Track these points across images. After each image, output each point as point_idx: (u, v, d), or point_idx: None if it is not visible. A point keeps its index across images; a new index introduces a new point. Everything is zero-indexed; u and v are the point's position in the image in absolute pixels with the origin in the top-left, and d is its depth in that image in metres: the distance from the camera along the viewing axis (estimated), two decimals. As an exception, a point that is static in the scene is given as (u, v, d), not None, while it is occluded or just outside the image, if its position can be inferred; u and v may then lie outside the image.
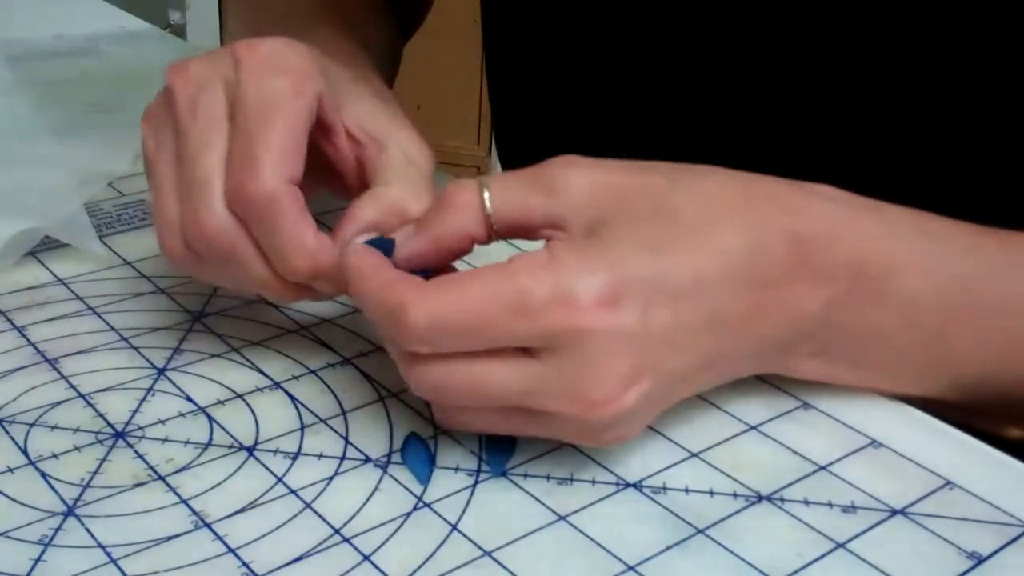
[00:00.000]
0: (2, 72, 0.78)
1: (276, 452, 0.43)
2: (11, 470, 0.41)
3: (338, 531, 0.39)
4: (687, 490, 0.41)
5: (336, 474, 0.42)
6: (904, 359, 0.44)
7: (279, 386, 0.47)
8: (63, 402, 0.45)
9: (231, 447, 0.43)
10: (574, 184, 0.41)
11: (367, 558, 0.38)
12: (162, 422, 0.44)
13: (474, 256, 0.44)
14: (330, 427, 0.44)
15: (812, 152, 0.58)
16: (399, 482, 0.41)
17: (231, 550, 0.38)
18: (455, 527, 0.39)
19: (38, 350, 0.48)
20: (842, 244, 0.41)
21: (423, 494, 0.41)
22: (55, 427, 0.44)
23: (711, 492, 0.41)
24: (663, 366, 0.39)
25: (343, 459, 0.42)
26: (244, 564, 0.37)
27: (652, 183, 0.41)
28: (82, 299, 0.52)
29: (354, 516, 0.40)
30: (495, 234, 0.42)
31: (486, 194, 0.41)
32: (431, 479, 0.41)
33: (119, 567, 0.37)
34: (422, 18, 0.77)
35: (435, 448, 0.43)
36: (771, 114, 0.58)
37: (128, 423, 0.44)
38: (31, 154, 0.65)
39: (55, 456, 0.42)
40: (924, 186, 0.54)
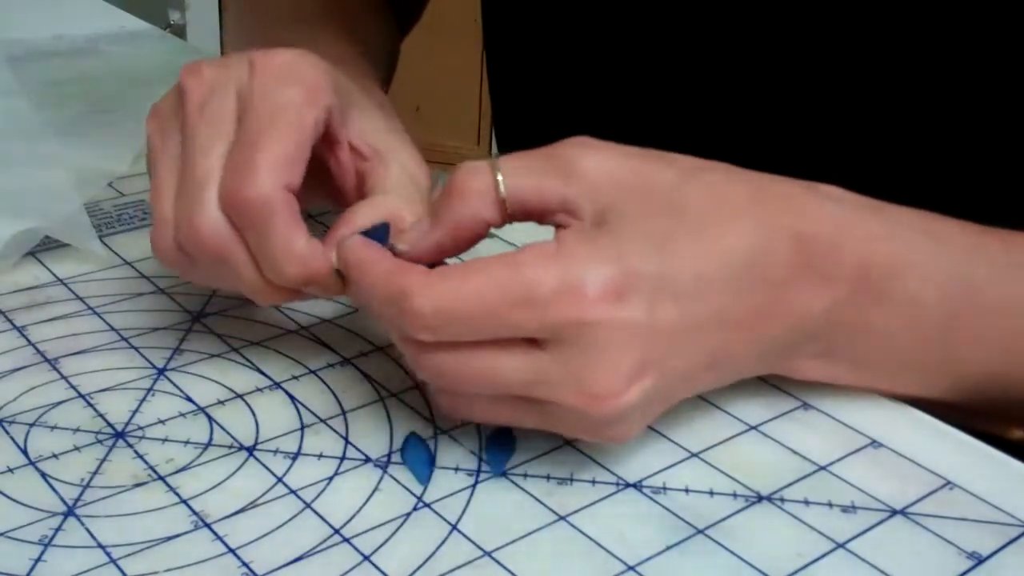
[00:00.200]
0: (2, 72, 0.78)
1: (276, 452, 0.43)
2: (11, 470, 0.41)
3: (338, 531, 0.39)
4: (687, 490, 0.41)
5: (336, 474, 0.42)
6: (907, 360, 0.44)
7: (279, 386, 0.47)
8: (63, 402, 0.45)
9: (231, 447, 0.43)
10: (589, 169, 0.40)
11: (367, 558, 0.38)
12: (162, 422, 0.44)
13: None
14: (330, 427, 0.44)
15: (813, 148, 0.58)
16: (399, 482, 0.41)
17: (231, 550, 0.38)
18: (455, 527, 0.39)
19: (38, 350, 0.48)
20: (846, 246, 0.41)
21: (423, 494, 0.41)
22: (55, 427, 0.44)
23: (711, 492, 0.41)
24: (667, 363, 0.39)
25: (343, 459, 0.42)
26: (244, 564, 0.37)
27: (665, 174, 0.41)
28: (82, 299, 0.52)
29: (354, 516, 0.40)
30: (509, 219, 0.41)
31: (499, 177, 0.40)
32: (431, 479, 0.41)
33: (119, 567, 0.37)
34: (419, 15, 0.77)
35: (435, 448, 0.43)
36: (773, 110, 0.58)
37: (128, 423, 0.44)
38: (31, 154, 0.65)
39: (55, 456, 0.42)
40: (925, 184, 0.54)
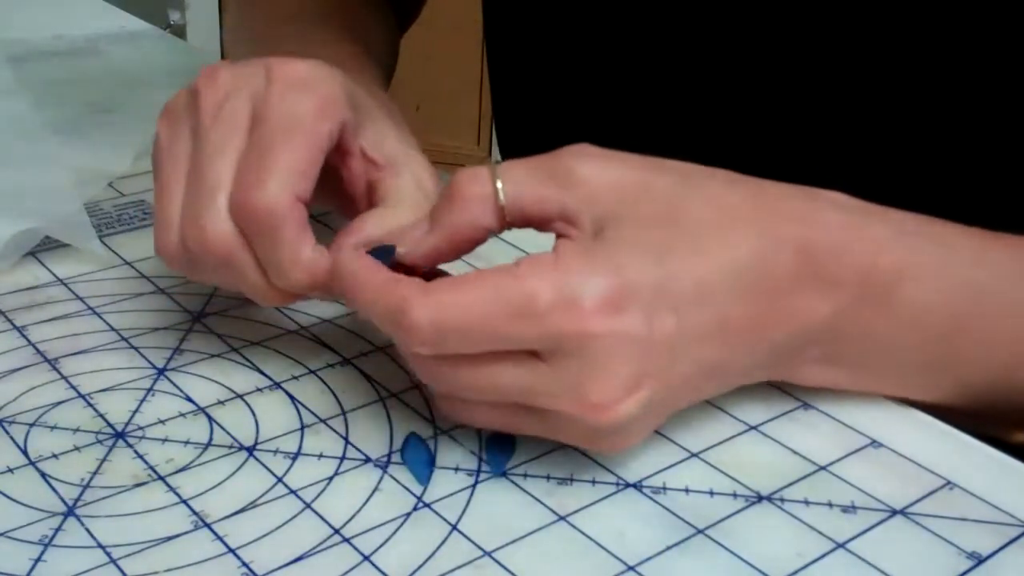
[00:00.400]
0: (2, 72, 0.78)
1: (276, 452, 0.43)
2: (11, 470, 0.41)
3: (338, 531, 0.39)
4: (687, 490, 0.41)
5: (336, 474, 0.42)
6: (911, 365, 0.44)
7: (279, 386, 0.47)
8: (63, 402, 0.45)
9: (231, 447, 0.43)
10: (589, 177, 0.40)
11: (367, 558, 0.38)
12: (162, 422, 0.44)
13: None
14: (330, 427, 0.44)
15: (816, 153, 0.58)
16: (399, 482, 0.41)
17: (231, 550, 0.38)
18: (455, 527, 0.39)
19: (38, 350, 0.48)
20: (850, 252, 0.41)
21: (423, 494, 0.41)
22: (55, 427, 0.44)
23: (711, 492, 0.41)
24: (666, 373, 0.39)
25: (343, 459, 0.42)
26: (244, 564, 0.37)
27: (665, 182, 0.41)
28: (82, 299, 0.52)
29: (354, 516, 0.40)
30: (508, 225, 0.41)
31: (499, 184, 0.40)
32: (431, 479, 0.41)
33: (119, 567, 0.37)
34: (418, 12, 0.77)
35: (435, 448, 0.43)
36: (774, 112, 0.58)
37: (128, 423, 0.44)
38: (31, 154, 0.65)
39: (55, 456, 0.42)
40: (926, 187, 0.54)
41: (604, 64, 0.64)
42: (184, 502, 0.40)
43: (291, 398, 0.46)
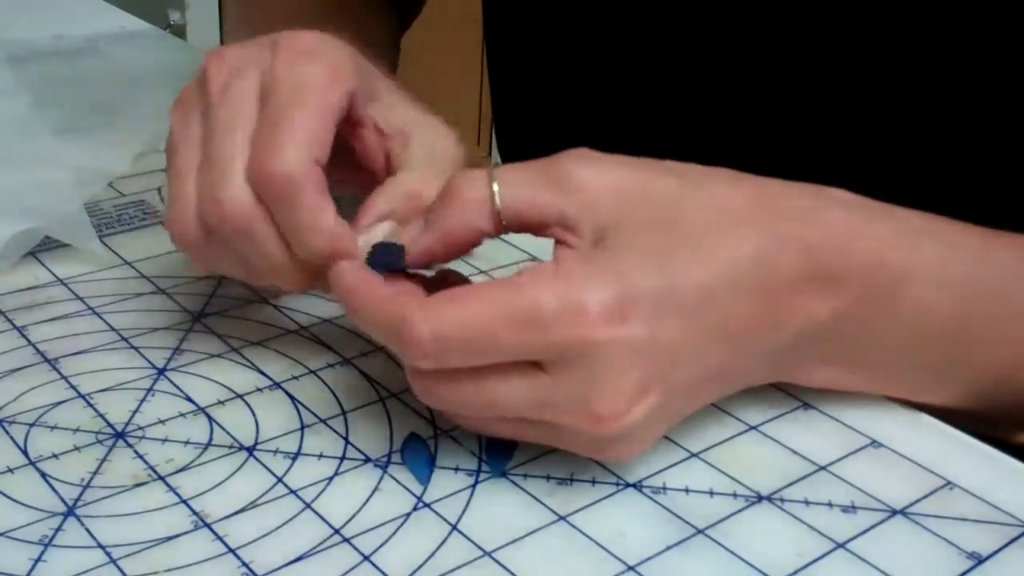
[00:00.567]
0: (2, 72, 0.77)
1: (276, 452, 0.43)
2: (11, 470, 0.41)
3: (338, 531, 0.39)
4: (687, 490, 0.41)
5: (336, 474, 0.42)
6: (914, 365, 0.44)
7: (279, 386, 0.47)
8: (63, 402, 0.45)
9: (231, 447, 0.43)
10: (588, 182, 0.40)
11: (367, 558, 0.38)
12: (162, 422, 0.44)
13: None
14: (330, 427, 0.44)
15: (815, 151, 0.58)
16: (399, 482, 0.41)
17: (231, 550, 0.38)
18: (455, 527, 0.39)
19: (38, 350, 0.48)
20: (854, 251, 0.41)
21: (423, 494, 0.41)
22: (55, 427, 0.44)
23: (711, 492, 0.41)
24: (671, 379, 0.39)
25: (343, 459, 0.42)
26: (244, 564, 0.37)
27: (664, 185, 0.40)
28: (82, 299, 0.52)
29: (354, 516, 0.40)
30: (504, 229, 0.41)
31: (495, 187, 0.40)
32: (431, 479, 0.41)
33: (119, 567, 0.37)
34: (419, 10, 0.77)
35: (435, 448, 0.43)
36: (774, 109, 0.58)
37: (128, 423, 0.44)
38: (31, 154, 0.65)
39: (55, 456, 0.42)
40: (926, 185, 0.53)
41: (604, 64, 0.64)
42: (184, 502, 0.40)
43: (291, 398, 0.46)
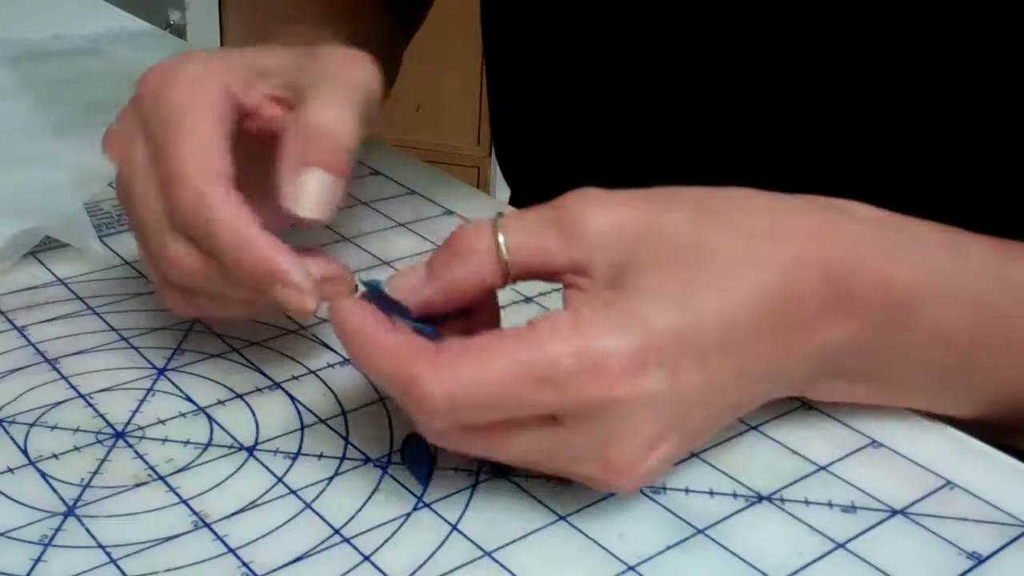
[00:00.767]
0: (2, 72, 0.78)
1: (276, 452, 0.43)
2: (11, 470, 0.41)
3: (338, 531, 0.39)
4: (687, 490, 0.41)
5: (336, 474, 0.42)
6: (927, 380, 0.44)
7: (279, 386, 0.47)
8: (63, 402, 0.45)
9: (231, 447, 0.43)
10: (595, 225, 0.38)
11: (367, 558, 0.38)
12: (162, 422, 0.44)
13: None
14: (330, 427, 0.44)
15: (818, 157, 0.57)
16: (399, 482, 0.41)
17: (231, 550, 0.38)
18: (455, 527, 0.39)
19: (38, 350, 0.48)
20: (871, 272, 0.40)
21: (423, 494, 0.41)
22: (55, 427, 0.44)
23: (711, 492, 0.41)
24: (689, 424, 0.39)
25: (343, 459, 0.42)
26: (244, 564, 0.37)
27: (676, 218, 0.39)
28: (82, 299, 0.52)
29: (354, 516, 0.40)
30: (512, 280, 0.40)
31: (501, 238, 0.39)
32: (431, 479, 0.41)
33: (119, 567, 0.37)
34: (422, 18, 0.77)
35: (435, 448, 0.43)
36: (774, 116, 0.58)
37: (128, 423, 0.44)
38: (31, 154, 0.65)
39: (55, 456, 0.42)
40: (930, 189, 0.53)
41: (600, 66, 0.63)
42: (184, 502, 0.40)
43: (291, 398, 0.46)
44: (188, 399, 0.46)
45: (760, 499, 0.41)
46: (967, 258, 0.43)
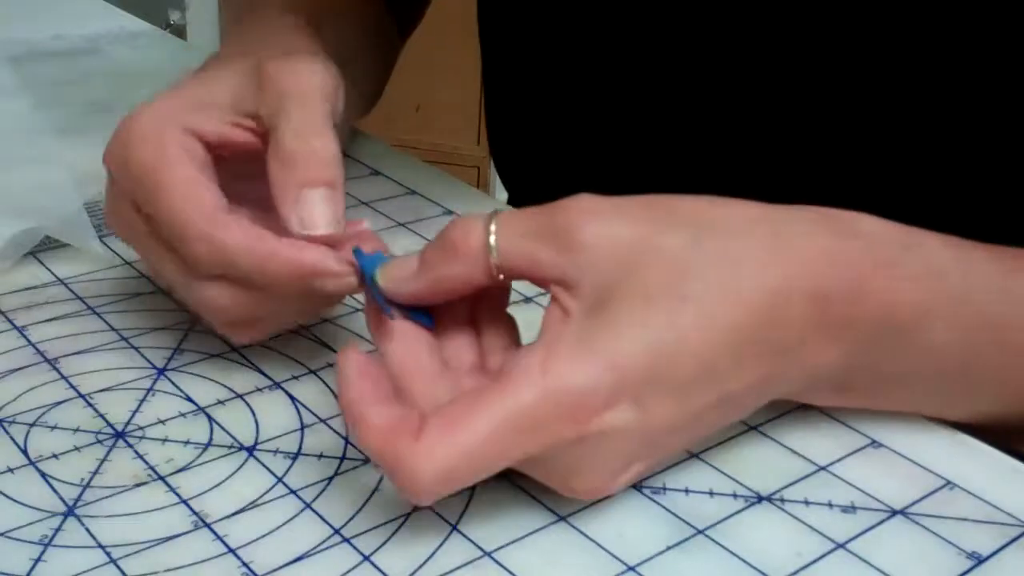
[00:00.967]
0: (2, 72, 0.77)
1: (276, 452, 0.43)
2: (11, 470, 0.41)
3: (338, 531, 0.39)
4: (687, 491, 0.41)
5: (336, 474, 0.42)
6: (924, 392, 0.44)
7: (279, 386, 0.47)
8: (63, 402, 0.45)
9: (231, 447, 0.43)
10: (589, 240, 0.38)
11: (367, 558, 0.38)
12: (162, 422, 0.44)
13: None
14: (330, 427, 0.44)
15: (811, 162, 0.57)
16: (399, 482, 0.41)
17: (231, 550, 0.38)
18: (455, 527, 0.39)
19: (38, 350, 0.48)
20: (869, 294, 0.40)
21: (423, 494, 0.41)
22: (55, 427, 0.44)
23: (711, 492, 0.41)
24: (661, 450, 0.40)
25: (343, 459, 0.42)
26: (244, 564, 0.37)
27: (673, 240, 0.38)
28: (82, 299, 0.52)
29: (354, 516, 0.40)
30: (500, 281, 0.39)
31: (492, 239, 0.39)
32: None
33: (119, 567, 0.37)
34: (420, 16, 0.77)
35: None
36: (770, 122, 0.58)
37: (128, 423, 0.44)
38: (31, 154, 0.65)
39: (55, 456, 0.42)
40: (926, 197, 0.53)
41: (598, 72, 0.63)
42: (184, 502, 0.40)
43: (291, 398, 0.46)
44: (188, 399, 0.46)
45: (760, 499, 0.41)
46: (973, 274, 0.42)
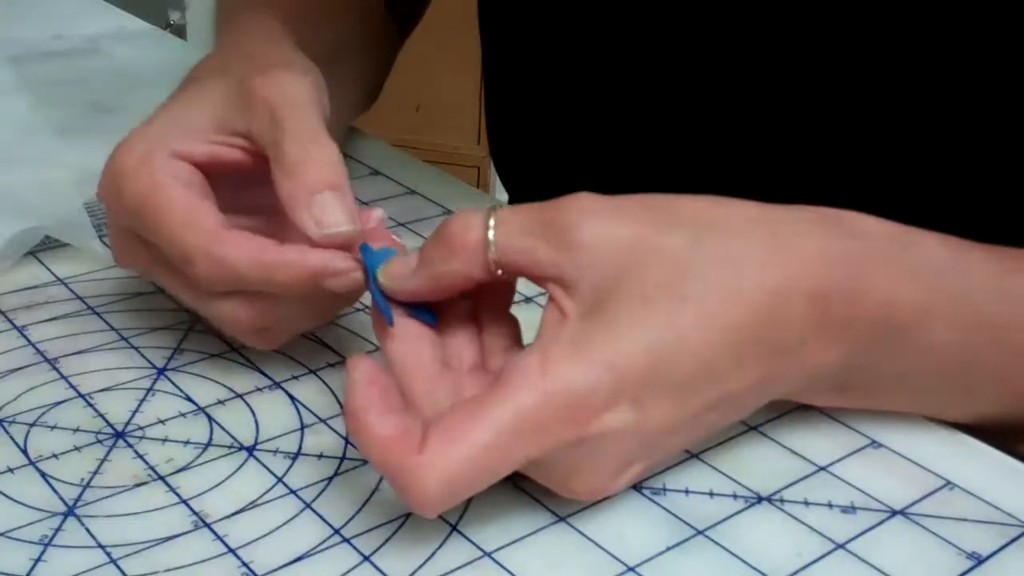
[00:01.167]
0: (2, 72, 0.78)
1: (276, 452, 0.43)
2: (11, 470, 0.41)
3: (338, 531, 0.39)
4: (687, 491, 0.41)
5: (336, 474, 0.42)
6: (923, 392, 0.44)
7: (279, 386, 0.47)
8: (63, 402, 0.45)
9: (231, 447, 0.43)
10: (588, 239, 0.38)
11: (367, 558, 0.38)
12: (162, 422, 0.44)
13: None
14: (330, 427, 0.44)
15: (810, 162, 0.57)
16: (399, 482, 0.41)
17: (231, 550, 0.38)
18: (455, 527, 0.39)
19: (38, 350, 0.48)
20: (868, 294, 0.40)
21: (423, 494, 0.41)
22: (55, 427, 0.44)
23: (711, 493, 0.41)
24: (660, 450, 0.40)
25: (343, 459, 0.42)
26: (244, 564, 0.37)
27: (672, 241, 0.38)
28: (82, 299, 0.52)
29: (354, 516, 0.40)
30: (499, 277, 0.39)
31: (491, 235, 0.38)
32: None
33: (119, 567, 0.37)
34: (420, 15, 0.77)
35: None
36: (770, 121, 0.58)
37: (128, 423, 0.44)
38: (31, 154, 0.65)
39: (55, 456, 0.42)
40: (925, 197, 0.53)
41: (598, 73, 0.63)
42: (184, 502, 0.40)
43: (291, 398, 0.46)
44: (188, 399, 0.46)
45: (760, 500, 0.41)
46: (971, 274, 0.42)
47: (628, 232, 0.38)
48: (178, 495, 0.40)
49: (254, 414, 0.45)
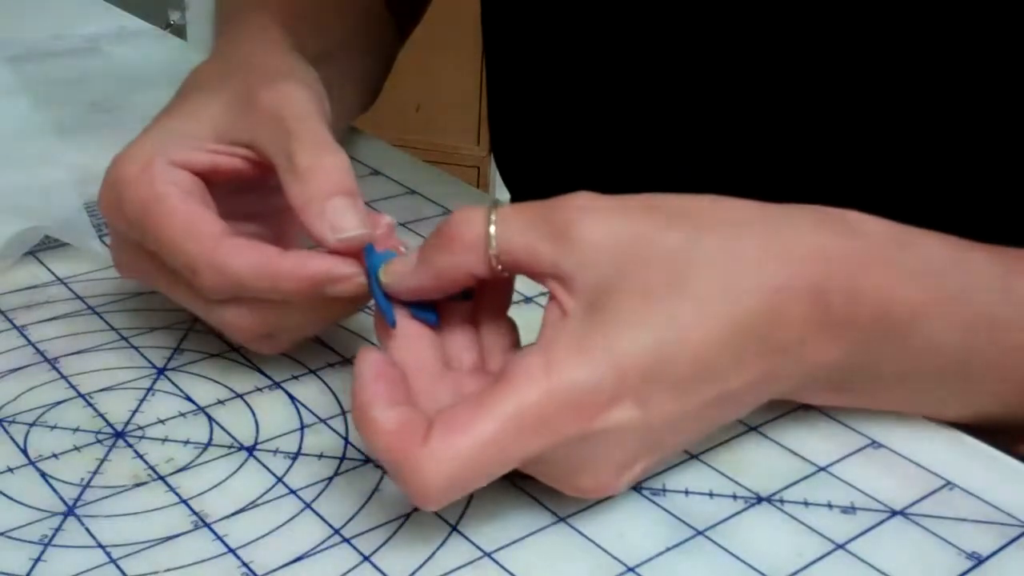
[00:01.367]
0: (2, 72, 0.78)
1: (276, 452, 0.43)
2: (11, 470, 0.41)
3: (338, 531, 0.39)
4: (687, 492, 0.41)
5: (336, 474, 0.42)
6: (922, 390, 0.44)
7: (279, 386, 0.47)
8: (63, 402, 0.45)
9: (231, 447, 0.43)
10: (588, 236, 0.38)
11: (367, 558, 0.38)
12: (162, 422, 0.44)
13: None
14: (330, 427, 0.44)
15: (811, 161, 0.57)
16: (399, 482, 0.41)
17: (231, 550, 0.38)
18: (455, 527, 0.39)
19: (38, 350, 0.48)
20: (865, 295, 0.40)
21: (423, 494, 0.41)
22: (55, 427, 0.44)
23: (711, 494, 0.41)
24: (662, 446, 0.40)
25: (343, 459, 0.42)
26: (244, 564, 0.37)
27: (671, 239, 0.38)
28: (82, 299, 0.52)
29: (354, 516, 0.40)
30: (500, 273, 0.39)
31: (492, 230, 0.39)
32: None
33: (119, 567, 0.37)
34: (420, 15, 0.77)
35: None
36: (771, 121, 0.58)
37: (128, 423, 0.44)
38: (31, 154, 0.65)
39: (55, 456, 0.42)
40: (925, 197, 0.53)
41: (600, 73, 0.63)
42: (184, 502, 0.40)
43: (291, 398, 0.46)
44: (188, 399, 0.46)
45: (760, 500, 0.41)
46: (972, 274, 0.42)
47: (629, 230, 0.38)
48: (178, 495, 0.40)
49: (254, 414, 0.45)
